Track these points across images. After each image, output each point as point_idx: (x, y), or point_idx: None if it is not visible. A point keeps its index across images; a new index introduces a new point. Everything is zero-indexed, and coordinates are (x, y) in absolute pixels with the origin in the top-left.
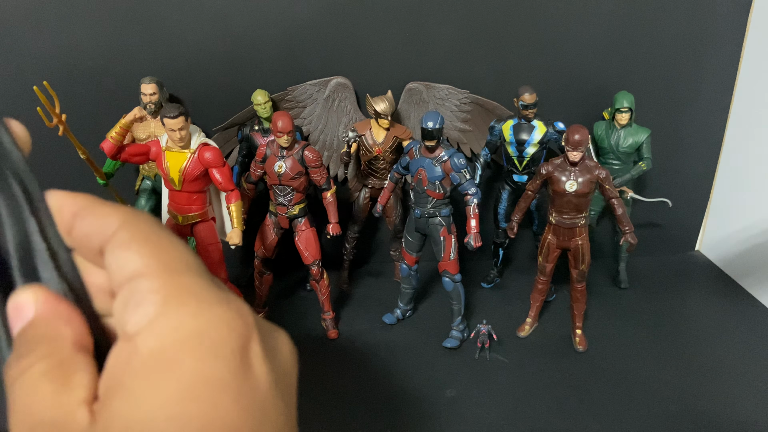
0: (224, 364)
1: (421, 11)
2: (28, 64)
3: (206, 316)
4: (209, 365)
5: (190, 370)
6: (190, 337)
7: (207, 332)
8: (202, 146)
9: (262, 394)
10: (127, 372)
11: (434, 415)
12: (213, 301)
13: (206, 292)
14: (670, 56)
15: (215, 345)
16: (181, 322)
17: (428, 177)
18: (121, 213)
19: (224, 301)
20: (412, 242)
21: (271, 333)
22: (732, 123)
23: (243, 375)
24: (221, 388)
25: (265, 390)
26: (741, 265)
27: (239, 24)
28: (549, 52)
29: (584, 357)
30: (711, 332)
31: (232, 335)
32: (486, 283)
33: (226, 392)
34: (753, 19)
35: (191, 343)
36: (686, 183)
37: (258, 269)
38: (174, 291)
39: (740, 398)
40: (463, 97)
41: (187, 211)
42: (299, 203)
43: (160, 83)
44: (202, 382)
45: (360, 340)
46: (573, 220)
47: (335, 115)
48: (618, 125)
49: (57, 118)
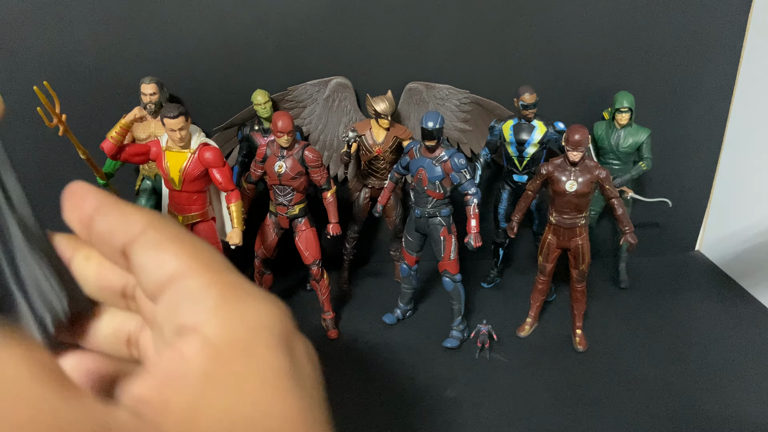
0: (286, 354)
1: (421, 11)
2: (28, 64)
3: (263, 310)
4: (278, 355)
5: (264, 359)
6: (257, 328)
7: (269, 324)
8: (202, 146)
9: (311, 386)
10: (194, 362)
11: (434, 415)
12: (261, 297)
13: (253, 288)
14: (670, 56)
15: (277, 337)
16: (246, 313)
17: (428, 177)
18: (146, 214)
19: (269, 298)
20: (412, 242)
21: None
22: (732, 123)
23: (298, 366)
24: (290, 378)
25: (312, 381)
26: (741, 265)
27: (239, 24)
28: (549, 52)
29: (584, 357)
30: (711, 332)
31: (284, 329)
32: (486, 283)
33: (294, 381)
34: (753, 19)
35: (261, 334)
36: (686, 183)
37: (258, 269)
38: (226, 287)
39: (740, 398)
40: (463, 97)
41: (187, 211)
42: (299, 203)
43: (160, 83)
44: (275, 372)
45: (360, 340)
46: (573, 220)
47: (335, 115)
48: (618, 125)
49: (57, 118)
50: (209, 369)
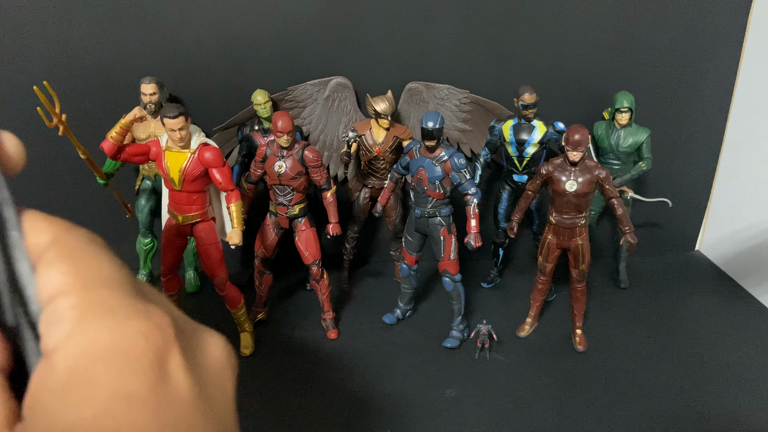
0: (141, 377)
1: (421, 11)
2: (28, 64)
3: (122, 330)
4: (125, 380)
5: (105, 386)
6: (105, 351)
7: (122, 346)
8: (202, 146)
9: (184, 406)
10: (44, 390)
11: (434, 415)
12: (130, 314)
13: (124, 306)
14: (670, 56)
15: (131, 359)
16: (96, 336)
17: (428, 177)
18: (54, 229)
19: (143, 313)
20: (412, 242)
21: (199, 336)
22: (732, 123)
23: (162, 388)
24: (138, 403)
25: (187, 401)
26: (741, 265)
27: (239, 24)
28: (549, 52)
29: (584, 357)
30: (711, 332)
31: (150, 348)
32: (486, 283)
33: (144, 407)
34: (753, 19)
35: (106, 358)
36: (686, 183)
37: (258, 269)
38: (90, 306)
39: (740, 398)
40: (463, 97)
41: (187, 211)
42: (299, 203)
43: (160, 83)
44: (117, 398)
45: (360, 340)
46: (573, 220)
47: (335, 115)
48: (618, 125)
49: (57, 118)
50: (46, 400)
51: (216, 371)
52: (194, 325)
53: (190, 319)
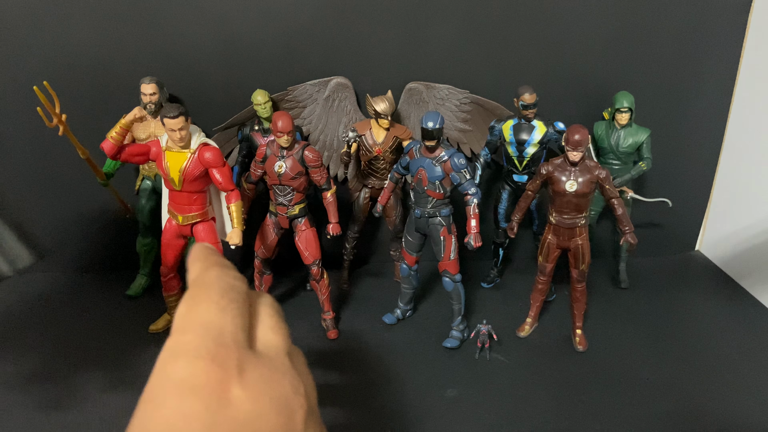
0: (200, 401)
1: (421, 11)
2: (28, 64)
3: (191, 369)
4: (188, 402)
5: (170, 406)
6: (172, 381)
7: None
8: (202, 146)
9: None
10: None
11: (434, 415)
12: (200, 356)
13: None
14: (670, 56)
15: (194, 388)
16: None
17: (428, 177)
18: (193, 272)
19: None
20: (412, 242)
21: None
22: (732, 123)
23: (221, 410)
24: (194, 418)
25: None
26: (741, 265)
27: (239, 24)
28: (549, 52)
29: (584, 357)
30: (711, 332)
31: (210, 381)
32: (486, 283)
33: (198, 421)
34: (753, 19)
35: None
36: (686, 183)
37: (258, 269)
38: (174, 346)
39: (740, 398)
40: (463, 97)
41: (187, 211)
42: (299, 203)
43: (160, 83)
44: (179, 414)
45: (360, 340)
46: (573, 220)
47: (335, 115)
48: (618, 125)
49: (57, 118)
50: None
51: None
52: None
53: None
